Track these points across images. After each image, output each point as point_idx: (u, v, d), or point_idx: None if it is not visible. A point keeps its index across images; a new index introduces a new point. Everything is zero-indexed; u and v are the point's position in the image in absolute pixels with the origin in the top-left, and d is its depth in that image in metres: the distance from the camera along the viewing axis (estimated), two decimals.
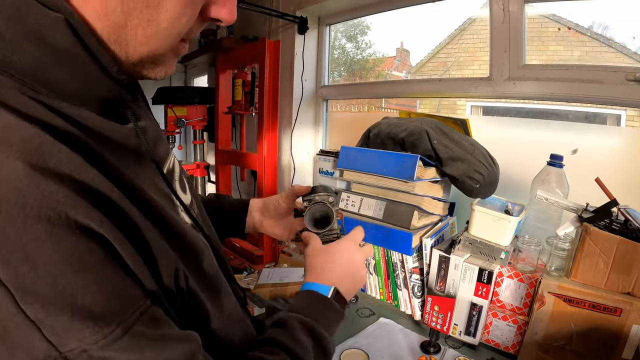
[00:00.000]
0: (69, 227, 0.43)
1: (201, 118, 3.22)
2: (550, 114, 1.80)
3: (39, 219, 0.41)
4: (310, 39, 2.53)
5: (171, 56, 0.61)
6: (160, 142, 0.76)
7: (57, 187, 0.43)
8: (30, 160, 0.42)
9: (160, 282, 0.55)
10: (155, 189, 0.64)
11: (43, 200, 0.41)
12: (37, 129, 0.44)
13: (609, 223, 1.13)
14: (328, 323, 0.81)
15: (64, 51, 0.49)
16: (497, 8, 1.64)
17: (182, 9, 0.53)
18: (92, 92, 0.54)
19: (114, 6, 0.50)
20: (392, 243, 1.48)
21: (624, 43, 1.74)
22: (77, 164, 0.46)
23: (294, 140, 2.58)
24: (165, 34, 0.55)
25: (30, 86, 0.48)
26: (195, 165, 3.20)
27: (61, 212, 0.42)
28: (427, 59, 4.60)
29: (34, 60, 0.48)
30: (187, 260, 0.63)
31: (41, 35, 0.47)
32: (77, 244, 0.43)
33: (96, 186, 0.47)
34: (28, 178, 0.41)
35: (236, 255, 2.65)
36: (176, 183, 0.78)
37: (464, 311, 1.32)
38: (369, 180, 1.59)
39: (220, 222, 1.11)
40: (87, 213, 0.45)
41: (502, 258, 1.28)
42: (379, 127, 1.65)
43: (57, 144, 0.45)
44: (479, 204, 1.37)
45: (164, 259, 0.56)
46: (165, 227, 0.59)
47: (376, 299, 1.65)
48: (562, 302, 1.12)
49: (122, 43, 0.53)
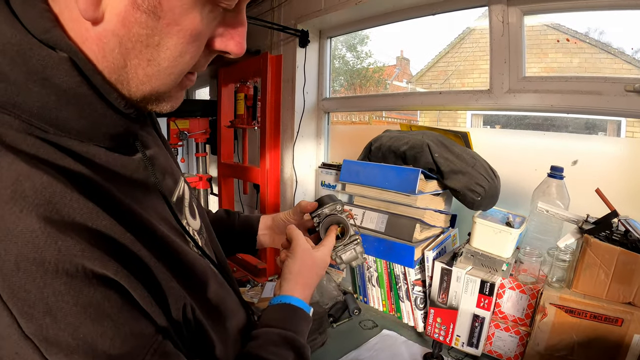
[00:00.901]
0: (86, 278, 0.44)
1: (203, 131, 3.23)
2: (551, 126, 1.81)
3: (57, 273, 0.42)
4: (311, 52, 2.54)
5: (177, 90, 0.60)
6: (170, 171, 0.76)
7: (73, 240, 0.44)
8: (44, 214, 0.43)
9: (170, 317, 0.57)
10: (164, 222, 0.65)
11: (60, 255, 0.43)
12: (49, 178, 0.45)
13: (610, 234, 1.13)
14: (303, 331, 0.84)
15: (70, 91, 0.49)
16: (497, 21, 1.66)
17: (184, 47, 0.52)
18: (99, 129, 0.54)
19: (112, 47, 0.49)
20: (395, 256, 1.49)
21: (621, 49, 1.76)
22: (90, 212, 0.47)
23: (296, 153, 2.59)
24: (167, 72, 0.54)
25: (37, 126, 0.49)
26: (197, 178, 3.20)
27: (78, 265, 0.44)
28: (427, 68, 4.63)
29: (39, 100, 0.48)
30: (194, 291, 0.64)
31: (45, 76, 0.47)
32: (95, 293, 0.45)
33: (109, 233, 0.48)
34: (44, 234, 0.42)
35: (239, 268, 2.65)
36: (186, 209, 0.79)
37: (466, 323, 1.32)
38: (371, 194, 1.60)
39: (231, 239, 1.12)
40: (102, 263, 0.46)
41: (503, 270, 1.28)
42: (381, 141, 1.66)
43: (69, 193, 0.46)
44: (480, 217, 1.38)
45: (173, 295, 0.57)
46: (174, 261, 0.60)
47: (379, 311, 1.66)
48: (563, 313, 1.13)
49: (124, 82, 0.53)
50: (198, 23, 0.51)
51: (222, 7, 0.53)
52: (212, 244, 0.87)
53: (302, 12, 2.41)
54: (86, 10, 0.46)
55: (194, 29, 0.51)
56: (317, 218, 1.05)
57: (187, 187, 0.84)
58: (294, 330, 0.81)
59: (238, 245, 1.16)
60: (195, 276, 0.65)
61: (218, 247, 0.91)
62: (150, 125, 0.80)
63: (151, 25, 0.48)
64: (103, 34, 0.48)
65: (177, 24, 0.50)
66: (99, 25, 0.48)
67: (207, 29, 0.54)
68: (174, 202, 0.73)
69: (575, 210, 1.26)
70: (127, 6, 0.47)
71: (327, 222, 1.03)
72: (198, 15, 0.50)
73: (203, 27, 0.52)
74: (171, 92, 0.59)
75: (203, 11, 0.51)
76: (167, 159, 0.78)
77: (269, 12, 2.66)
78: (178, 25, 0.50)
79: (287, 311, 0.85)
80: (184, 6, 0.49)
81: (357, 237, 1.04)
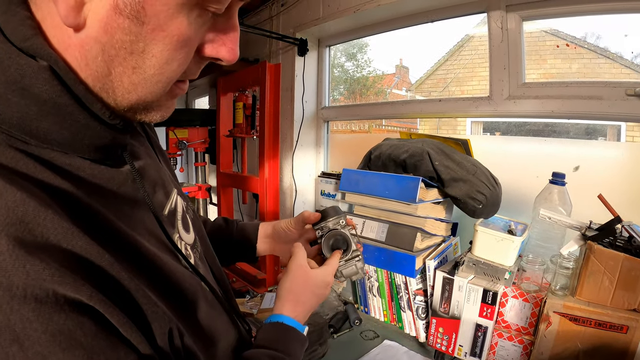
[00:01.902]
0: (57, 304, 0.41)
1: (202, 140, 3.24)
2: (552, 132, 1.81)
3: (25, 299, 0.39)
4: (310, 60, 2.55)
5: (167, 99, 0.58)
6: (161, 183, 0.73)
7: (43, 263, 0.41)
8: (15, 234, 0.41)
9: (155, 344, 0.53)
10: (152, 237, 0.62)
11: (29, 280, 0.40)
12: (23, 194, 0.42)
13: (613, 240, 1.12)
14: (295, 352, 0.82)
15: (50, 101, 0.47)
16: (495, 27, 1.66)
17: (171, 54, 0.50)
18: (82, 140, 0.52)
19: (95, 54, 0.48)
20: (396, 265, 1.48)
21: (620, 53, 1.76)
22: (64, 232, 0.44)
23: (296, 162, 2.59)
24: (154, 80, 0.51)
25: (18, 137, 0.47)
26: (197, 187, 3.21)
27: (48, 290, 0.41)
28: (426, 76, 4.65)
29: (19, 111, 0.46)
30: (182, 313, 0.61)
31: (23, 85, 0.46)
32: (67, 320, 0.42)
33: (84, 254, 0.46)
34: (13, 257, 0.40)
35: (238, 279, 2.64)
36: (179, 223, 0.76)
37: (469, 332, 1.31)
38: (371, 203, 1.59)
39: (229, 248, 1.10)
40: (75, 287, 0.43)
41: (506, 278, 1.27)
42: (380, 149, 1.65)
43: (43, 211, 0.43)
44: (482, 225, 1.36)
45: (157, 321, 0.53)
46: (160, 281, 0.57)
47: (380, 321, 1.64)
48: (567, 321, 1.11)
49: (109, 91, 0.51)
50: (185, 28, 0.49)
51: (210, 11, 0.50)
52: (207, 257, 0.85)
53: (301, 20, 2.42)
54: (67, 16, 0.44)
55: (180, 35, 0.49)
56: (319, 231, 1.04)
57: (180, 199, 0.81)
58: (285, 351, 0.79)
59: (237, 254, 1.14)
60: (183, 296, 0.62)
61: (215, 259, 0.89)
62: (143, 135, 0.78)
63: (135, 31, 0.46)
64: (85, 40, 0.47)
65: (163, 30, 0.48)
66: (81, 32, 0.46)
67: (195, 34, 0.52)
68: (165, 216, 0.70)
69: (577, 217, 1.25)
70: (109, 11, 0.45)
71: (330, 237, 1.02)
72: (185, 20, 0.48)
73: (191, 33, 0.50)
74: (160, 101, 0.56)
75: (190, 16, 0.49)
76: (160, 171, 0.75)
77: (268, 21, 2.68)
78: (164, 31, 0.48)
79: (279, 331, 0.83)
80: (169, 11, 0.47)
81: (358, 253, 1.03)
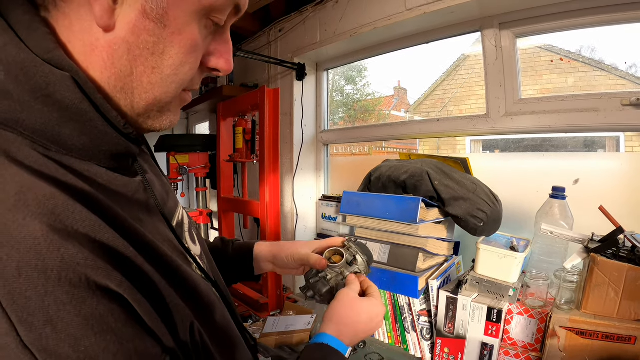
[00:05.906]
0: (89, 289, 0.43)
1: (203, 165, 3.24)
2: (550, 146, 1.81)
3: (60, 282, 0.41)
4: (308, 84, 2.57)
5: (176, 104, 0.63)
6: (168, 195, 0.77)
7: (76, 249, 0.43)
8: (48, 222, 0.42)
9: (177, 338, 0.55)
10: (167, 243, 0.64)
11: (63, 263, 0.42)
12: (53, 189, 0.45)
13: (616, 251, 1.11)
14: None
15: (72, 107, 0.50)
16: (490, 45, 1.68)
17: (185, 57, 0.56)
18: (100, 147, 0.55)
19: (121, 54, 0.52)
20: (398, 286, 1.47)
21: (614, 64, 1.77)
22: (93, 224, 0.46)
23: (296, 186, 2.59)
24: (169, 81, 0.57)
25: (40, 143, 0.49)
26: (198, 212, 3.20)
27: (81, 275, 0.43)
28: (424, 97, 4.68)
29: (42, 117, 0.49)
30: (200, 313, 0.62)
31: (48, 92, 0.48)
32: (98, 305, 0.44)
33: (113, 245, 0.48)
34: (47, 241, 0.42)
35: (240, 303, 2.61)
36: (186, 235, 0.78)
37: (474, 351, 1.29)
38: (372, 225, 1.59)
39: (227, 267, 1.10)
40: (106, 274, 0.45)
41: (510, 295, 1.26)
42: (380, 171, 1.65)
43: (72, 204, 0.45)
44: (484, 242, 1.36)
45: (179, 314, 0.56)
46: (179, 281, 0.59)
47: (385, 344, 1.62)
48: (574, 335, 1.10)
49: (128, 91, 0.55)
50: (197, 35, 0.56)
51: (213, 22, 0.58)
52: (212, 271, 0.85)
53: (298, 45, 2.45)
54: (102, 17, 0.50)
55: (193, 40, 0.56)
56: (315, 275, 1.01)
57: (185, 213, 0.84)
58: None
59: (235, 274, 1.13)
60: (200, 298, 0.64)
61: (219, 275, 0.89)
62: (147, 153, 0.81)
63: (158, 33, 0.53)
64: (114, 41, 0.52)
65: (180, 34, 0.54)
66: (110, 33, 0.51)
67: (203, 42, 0.58)
68: (174, 226, 0.72)
69: (579, 230, 1.24)
70: (138, 15, 0.51)
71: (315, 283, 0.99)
72: (197, 27, 0.56)
73: (200, 40, 0.57)
74: (171, 105, 0.62)
75: (200, 24, 0.56)
76: (164, 186, 0.78)
77: (266, 47, 2.71)
78: (180, 35, 0.54)
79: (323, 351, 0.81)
80: (186, 17, 0.54)
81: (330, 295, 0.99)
